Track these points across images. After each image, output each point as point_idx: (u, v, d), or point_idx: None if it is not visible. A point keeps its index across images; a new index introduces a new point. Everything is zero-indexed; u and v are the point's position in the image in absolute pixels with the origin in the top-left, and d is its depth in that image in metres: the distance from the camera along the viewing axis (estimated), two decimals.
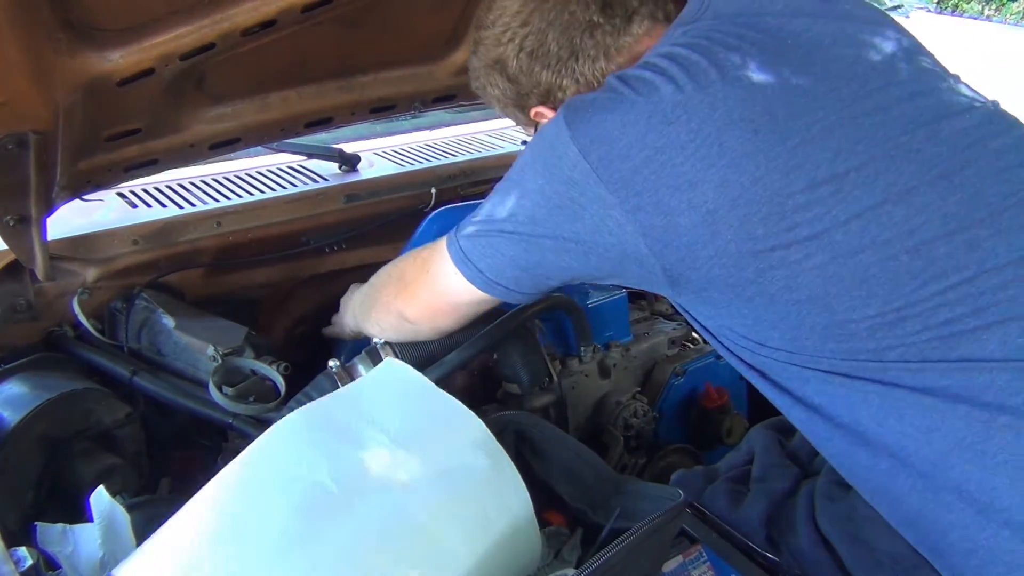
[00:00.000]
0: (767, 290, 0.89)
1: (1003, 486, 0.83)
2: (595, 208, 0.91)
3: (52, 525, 0.96)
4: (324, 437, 0.87)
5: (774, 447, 1.21)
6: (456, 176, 1.87)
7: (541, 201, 0.95)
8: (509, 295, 1.05)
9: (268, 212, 1.64)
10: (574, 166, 0.91)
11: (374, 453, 0.87)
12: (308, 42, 1.34)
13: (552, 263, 0.98)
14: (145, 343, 1.44)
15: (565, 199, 0.92)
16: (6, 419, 1.16)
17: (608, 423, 1.49)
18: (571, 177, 0.91)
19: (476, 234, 1.02)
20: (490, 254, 1.01)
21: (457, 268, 1.04)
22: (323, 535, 0.78)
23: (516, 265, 1.00)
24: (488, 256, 1.01)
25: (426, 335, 1.23)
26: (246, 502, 0.82)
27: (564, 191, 0.92)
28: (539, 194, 0.95)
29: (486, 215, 1.02)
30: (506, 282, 1.03)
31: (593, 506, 1.05)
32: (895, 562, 0.97)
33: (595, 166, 0.90)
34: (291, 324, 1.78)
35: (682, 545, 1.00)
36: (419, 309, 1.17)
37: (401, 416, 0.92)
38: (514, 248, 0.99)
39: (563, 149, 0.92)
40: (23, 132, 1.05)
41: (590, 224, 0.92)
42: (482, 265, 1.02)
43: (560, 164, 0.92)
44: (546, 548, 0.98)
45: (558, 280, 1.03)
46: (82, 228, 1.48)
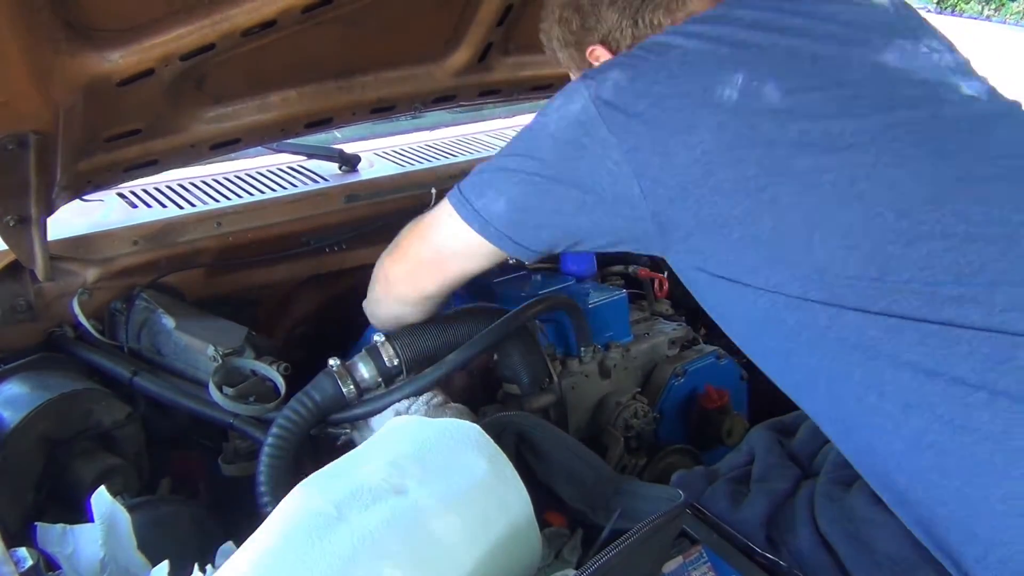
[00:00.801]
0: (754, 231, 0.91)
1: (983, 462, 0.82)
2: (596, 149, 0.96)
3: (52, 525, 0.96)
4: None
5: (774, 448, 1.21)
6: (456, 176, 1.85)
7: (546, 139, 1.01)
8: (502, 241, 1.05)
9: (268, 212, 1.64)
10: (584, 110, 0.97)
11: (372, 465, 0.87)
12: (308, 42, 1.34)
13: (548, 209, 1.01)
14: (145, 343, 1.45)
15: (569, 138, 0.98)
16: (6, 419, 1.17)
17: (608, 424, 1.49)
18: (579, 119, 0.97)
19: (477, 173, 1.08)
20: (488, 192, 1.05)
21: (454, 210, 1.07)
22: (322, 540, 0.78)
23: (513, 205, 1.03)
24: (486, 193, 1.05)
25: (411, 300, 1.23)
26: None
27: (570, 131, 0.98)
28: (545, 132, 1.01)
29: (496, 163, 1.07)
30: (501, 224, 1.04)
31: (593, 507, 1.05)
32: (894, 563, 0.96)
33: (602, 111, 0.96)
34: (291, 324, 1.78)
35: (682, 546, 1.00)
36: (405, 267, 1.19)
37: (399, 437, 0.92)
38: (513, 187, 1.03)
39: (576, 95, 0.98)
40: (23, 132, 1.05)
41: (588, 165, 0.97)
42: (479, 203, 1.05)
43: (571, 107, 0.99)
44: (546, 549, 0.98)
45: (550, 232, 1.04)
46: (82, 228, 1.48)
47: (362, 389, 1.23)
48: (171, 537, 1.11)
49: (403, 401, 1.22)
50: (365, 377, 1.23)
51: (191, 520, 1.16)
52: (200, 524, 1.16)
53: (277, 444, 1.15)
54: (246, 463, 1.28)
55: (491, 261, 1.12)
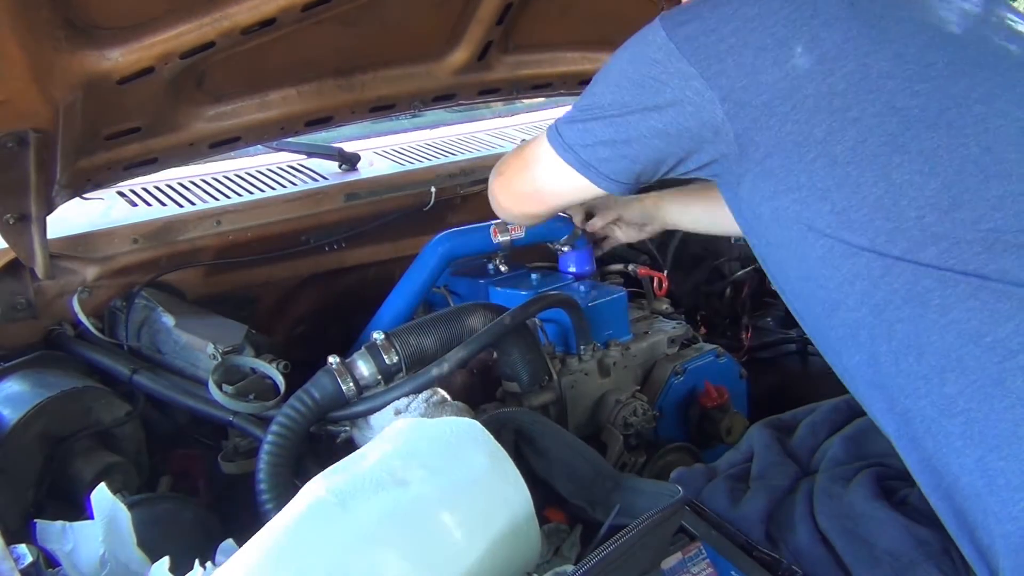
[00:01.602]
0: (832, 150, 0.91)
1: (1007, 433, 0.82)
2: (676, 82, 0.97)
3: (52, 522, 0.96)
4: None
5: (773, 445, 1.21)
6: (456, 175, 1.87)
7: (626, 84, 1.03)
8: (600, 179, 1.09)
9: (268, 211, 1.64)
10: (659, 47, 0.99)
11: (375, 460, 0.87)
12: (308, 41, 1.34)
13: (640, 142, 1.03)
14: (145, 342, 1.45)
15: (649, 77, 1.00)
16: (6, 417, 1.17)
17: (608, 422, 1.49)
18: (655, 57, 0.99)
19: (572, 119, 1.10)
20: (584, 136, 1.07)
21: (554, 150, 1.11)
22: (325, 534, 0.78)
23: (607, 145, 1.06)
24: (582, 137, 1.08)
25: (520, 218, 1.38)
26: None
27: (648, 70, 1.00)
28: (625, 77, 1.03)
29: (581, 105, 1.09)
30: (598, 163, 1.07)
31: (592, 503, 1.05)
32: (894, 559, 0.97)
33: (679, 43, 0.97)
34: (291, 323, 1.78)
35: (681, 542, 1.00)
36: (509, 196, 1.28)
37: (401, 435, 0.93)
38: (605, 129, 1.05)
39: (651, 36, 1.01)
40: (23, 130, 1.05)
41: (671, 97, 0.98)
42: (576, 145, 1.08)
43: (646, 49, 1.01)
44: (546, 545, 0.98)
45: (643, 164, 1.06)
46: (82, 227, 1.48)
47: (361, 387, 1.23)
48: (171, 534, 1.11)
49: (402, 399, 1.22)
50: (364, 375, 1.23)
51: (191, 518, 1.16)
52: (200, 522, 1.16)
53: (277, 442, 1.15)
54: (246, 461, 1.28)
55: (587, 195, 1.15)
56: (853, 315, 0.92)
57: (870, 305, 0.91)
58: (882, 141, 0.90)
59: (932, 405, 0.87)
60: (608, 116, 1.04)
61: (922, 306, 0.87)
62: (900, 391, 0.90)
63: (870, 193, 0.90)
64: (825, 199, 0.92)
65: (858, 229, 0.90)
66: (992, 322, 0.84)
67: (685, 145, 1.01)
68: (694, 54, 0.96)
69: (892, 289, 0.89)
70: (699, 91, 0.96)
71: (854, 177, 0.90)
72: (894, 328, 0.89)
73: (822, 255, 0.94)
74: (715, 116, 0.96)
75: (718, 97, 0.95)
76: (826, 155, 0.91)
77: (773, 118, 0.93)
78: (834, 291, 0.94)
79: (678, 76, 0.97)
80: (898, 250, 0.88)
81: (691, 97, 0.97)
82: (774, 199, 0.97)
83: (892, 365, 0.90)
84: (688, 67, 0.96)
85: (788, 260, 1.00)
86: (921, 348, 0.88)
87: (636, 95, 1.02)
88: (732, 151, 0.98)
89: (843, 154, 0.91)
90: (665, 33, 0.99)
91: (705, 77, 0.95)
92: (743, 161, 0.98)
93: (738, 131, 0.96)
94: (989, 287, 0.84)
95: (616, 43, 1.07)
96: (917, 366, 0.88)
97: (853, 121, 0.91)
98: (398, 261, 1.76)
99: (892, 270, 0.89)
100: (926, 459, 0.90)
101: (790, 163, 0.94)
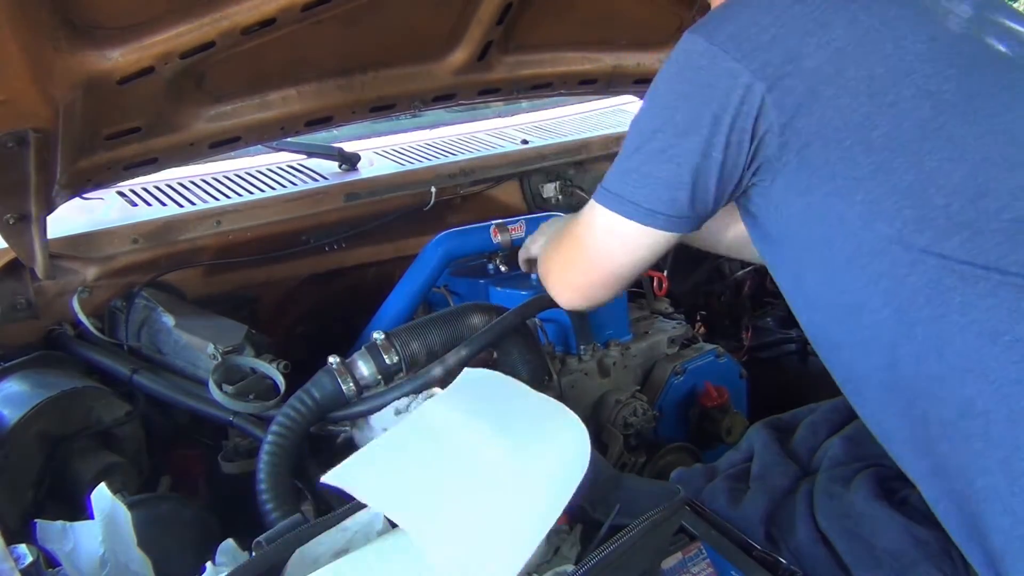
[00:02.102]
0: (868, 136, 0.91)
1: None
2: (725, 82, 0.95)
3: (52, 522, 0.96)
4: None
5: (773, 445, 1.21)
6: (456, 175, 1.87)
7: (675, 101, 1.00)
8: (670, 223, 1.03)
9: (268, 211, 1.64)
10: (702, 54, 0.97)
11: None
12: (308, 41, 1.34)
13: (702, 165, 0.98)
14: (145, 341, 1.45)
15: (698, 86, 0.97)
16: (6, 417, 1.17)
17: (608, 422, 1.49)
18: (699, 64, 0.97)
19: (624, 171, 1.04)
20: (644, 183, 1.02)
21: (615, 211, 1.04)
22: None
23: (671, 185, 1.00)
24: (643, 185, 1.02)
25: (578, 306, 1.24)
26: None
27: (694, 78, 0.98)
28: (672, 95, 1.00)
29: (627, 149, 1.04)
30: (664, 208, 1.02)
31: (592, 503, 1.04)
32: (895, 559, 0.97)
33: (723, 45, 0.95)
34: (291, 322, 1.78)
35: (681, 542, 1.00)
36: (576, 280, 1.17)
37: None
38: (664, 166, 1.00)
39: (690, 46, 0.99)
40: (23, 130, 1.05)
41: (723, 99, 0.95)
42: (639, 197, 1.02)
43: (688, 59, 0.99)
44: (546, 545, 0.98)
45: (708, 189, 1.00)
46: (82, 227, 1.48)
47: (362, 387, 1.23)
48: (171, 534, 1.11)
49: (403, 399, 1.22)
50: (365, 375, 1.23)
51: (191, 518, 1.16)
52: (200, 522, 1.16)
53: (277, 442, 1.15)
54: (246, 461, 1.28)
55: (663, 248, 1.08)
56: (875, 317, 0.92)
57: (893, 306, 0.91)
58: (915, 126, 0.90)
59: (951, 407, 0.87)
60: (663, 148, 0.99)
61: (944, 305, 0.87)
62: (918, 393, 0.90)
63: (901, 180, 0.90)
64: (859, 187, 0.92)
65: (887, 218, 0.90)
66: (1011, 320, 0.84)
67: (744, 150, 0.97)
68: (739, 50, 0.94)
69: (915, 288, 0.89)
70: (748, 86, 0.94)
71: (887, 163, 0.91)
72: (915, 330, 0.89)
73: (849, 256, 0.93)
74: (764, 106, 0.94)
75: (765, 87, 0.93)
76: (862, 141, 0.91)
77: (817, 103, 0.93)
78: (858, 293, 0.93)
79: (726, 76, 0.95)
80: (924, 240, 0.88)
81: (742, 95, 0.94)
82: (808, 193, 0.96)
83: (912, 367, 0.90)
84: (734, 64, 0.94)
85: (811, 265, 0.99)
86: (941, 349, 0.87)
87: (688, 110, 0.98)
88: (774, 144, 0.96)
89: (878, 140, 0.91)
90: (705, 40, 0.96)
91: (751, 70, 0.93)
92: (783, 154, 0.96)
93: (783, 121, 0.94)
94: (1009, 283, 0.84)
95: (616, 43, 1.07)
96: (937, 367, 0.88)
97: (890, 106, 0.91)
98: (398, 261, 1.76)
99: (917, 267, 0.89)
100: (940, 463, 0.89)
101: (828, 151, 0.93)
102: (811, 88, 0.93)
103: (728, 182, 1.00)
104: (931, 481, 0.92)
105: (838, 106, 0.92)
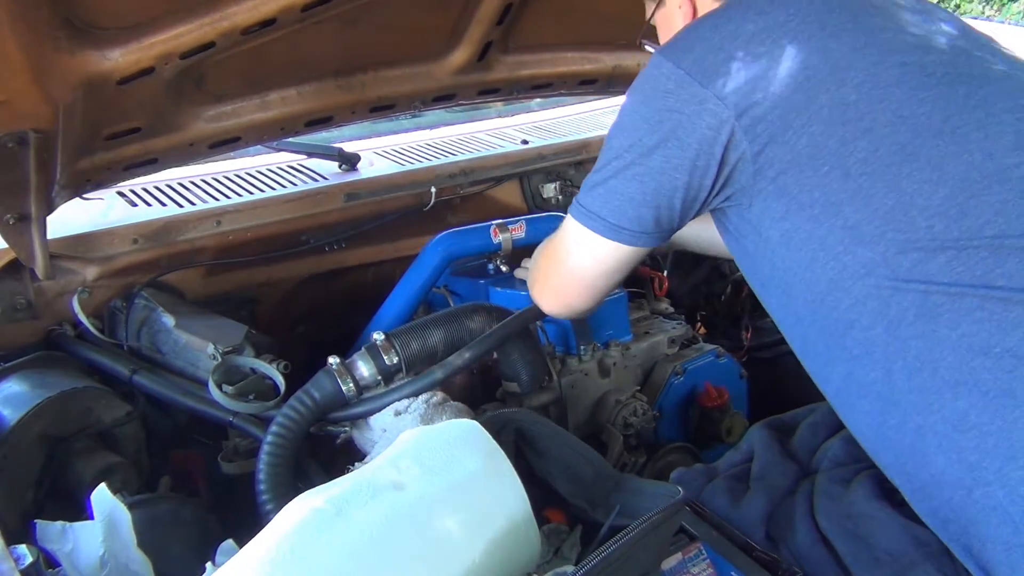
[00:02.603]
0: (845, 162, 0.92)
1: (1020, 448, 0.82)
2: (691, 108, 0.97)
3: (52, 523, 0.96)
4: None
5: (773, 445, 1.21)
6: (456, 175, 1.87)
7: (641, 123, 1.01)
8: (636, 238, 1.07)
9: (268, 211, 1.64)
10: (668, 77, 0.98)
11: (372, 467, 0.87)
12: (308, 41, 1.34)
13: (665, 185, 1.02)
14: (145, 342, 1.45)
15: (663, 110, 0.99)
16: (6, 417, 1.17)
17: (608, 422, 1.49)
18: (666, 88, 0.99)
19: (593, 185, 1.08)
20: (610, 199, 1.05)
21: (584, 225, 1.09)
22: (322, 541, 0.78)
23: (635, 202, 1.04)
24: (609, 201, 1.05)
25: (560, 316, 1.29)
26: None
27: (661, 103, 0.99)
28: (639, 117, 1.02)
29: (598, 165, 1.07)
30: (629, 224, 1.06)
31: (592, 503, 1.05)
32: (895, 559, 0.97)
33: (688, 69, 0.97)
34: (291, 323, 1.78)
35: (681, 542, 1.00)
36: (554, 293, 1.22)
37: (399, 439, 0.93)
38: (629, 184, 1.03)
39: (657, 69, 1.00)
40: (23, 130, 1.05)
41: (688, 124, 0.97)
42: (605, 212, 1.06)
43: (655, 83, 1.00)
44: (546, 545, 0.98)
45: (673, 207, 1.04)
46: (82, 227, 1.48)
47: (361, 387, 1.23)
48: (171, 535, 1.11)
49: (403, 400, 1.22)
50: (364, 375, 1.23)
51: (191, 518, 1.16)
52: (200, 522, 1.16)
53: (276, 442, 1.15)
54: (245, 461, 1.29)
55: (632, 261, 1.12)
56: (868, 333, 0.92)
57: (884, 323, 0.91)
58: (892, 150, 0.91)
59: (944, 420, 0.87)
60: (628, 165, 1.02)
61: (933, 321, 0.87)
62: (913, 407, 0.90)
63: (881, 205, 0.90)
64: (838, 214, 0.92)
65: (869, 243, 0.91)
66: (1000, 332, 0.84)
67: (711, 174, 0.99)
68: (704, 75, 0.96)
69: (903, 307, 0.89)
70: (715, 112, 0.95)
71: (866, 189, 0.91)
72: (908, 344, 0.89)
73: (832, 277, 0.93)
74: (734, 135, 0.95)
75: (734, 115, 0.95)
76: (839, 167, 0.92)
77: (789, 131, 0.93)
78: (847, 311, 0.94)
79: (693, 101, 0.96)
80: (908, 262, 0.89)
81: (709, 121, 0.96)
82: (785, 219, 0.97)
83: (906, 381, 0.90)
84: (701, 89, 0.96)
85: (796, 285, 0.99)
86: (935, 363, 0.87)
87: (654, 131, 1.00)
88: (748, 171, 0.97)
89: (856, 166, 0.91)
90: (672, 64, 0.98)
91: (720, 97, 0.95)
92: (757, 181, 0.97)
93: (755, 150, 0.95)
94: (995, 296, 0.85)
95: (616, 43, 1.07)
96: (931, 381, 0.88)
97: (865, 132, 0.91)
98: (398, 261, 1.76)
99: (900, 289, 0.89)
100: (935, 476, 0.89)
101: (804, 178, 0.94)
102: (782, 116, 0.93)
103: (694, 202, 1.03)
104: (926, 493, 0.92)
105: (811, 133, 0.92)
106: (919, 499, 0.93)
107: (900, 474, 0.95)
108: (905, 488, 0.95)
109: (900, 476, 0.95)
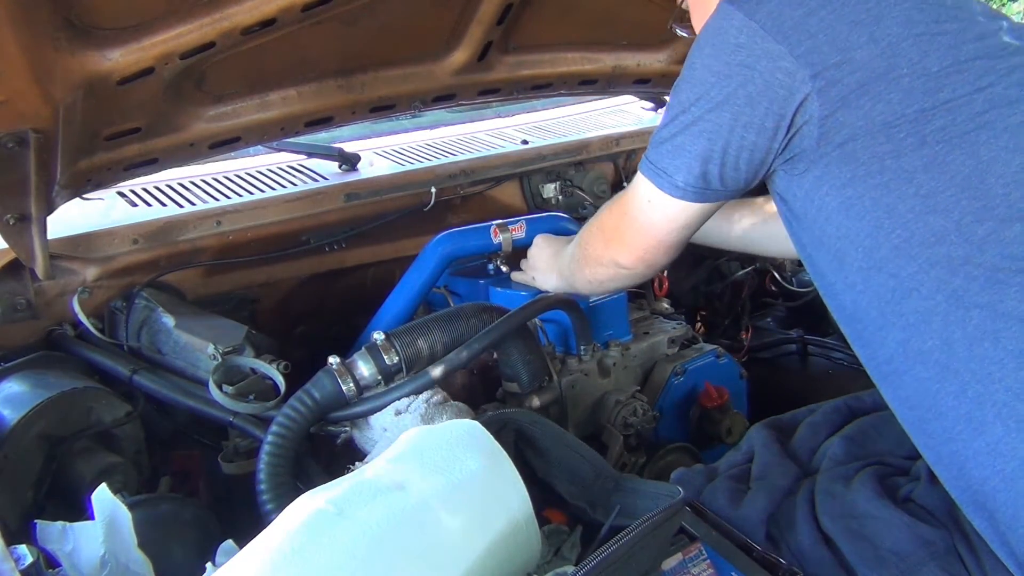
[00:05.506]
0: (923, 130, 0.91)
1: None
2: (764, 64, 0.93)
3: (52, 523, 0.96)
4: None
5: (774, 445, 1.21)
6: (456, 175, 1.87)
7: (709, 76, 0.98)
8: (704, 195, 1.05)
9: (268, 211, 1.64)
10: (740, 30, 0.95)
11: (373, 468, 0.87)
12: (308, 41, 1.34)
13: (734, 141, 0.99)
14: (145, 342, 1.45)
15: (734, 66, 0.95)
16: (6, 418, 1.17)
17: (608, 422, 1.49)
18: (737, 42, 0.95)
19: (660, 141, 1.05)
20: (678, 155, 1.02)
21: (652, 183, 1.06)
22: (324, 541, 0.78)
23: (703, 159, 1.01)
24: (677, 158, 1.03)
25: (643, 276, 1.26)
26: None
27: (731, 58, 0.95)
28: (707, 71, 0.98)
29: (665, 119, 1.04)
30: (695, 181, 1.03)
31: (593, 504, 1.05)
32: (900, 559, 0.96)
33: (763, 22, 0.93)
34: (291, 323, 1.78)
35: (682, 543, 1.00)
36: (630, 252, 1.18)
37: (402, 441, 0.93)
38: (697, 140, 1.00)
39: (727, 21, 0.96)
40: (23, 131, 1.05)
41: (761, 82, 0.94)
42: (672, 169, 1.04)
43: (726, 35, 0.96)
44: (546, 545, 0.98)
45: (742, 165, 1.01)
46: (82, 227, 1.48)
47: (362, 387, 1.23)
48: (171, 535, 1.11)
49: (403, 399, 1.22)
50: (365, 375, 1.23)
51: (191, 518, 1.16)
52: (200, 522, 1.16)
53: (277, 442, 1.15)
54: (246, 461, 1.28)
55: (702, 219, 1.10)
56: (927, 303, 0.92)
57: (947, 292, 0.90)
58: (968, 118, 0.91)
59: (1007, 390, 0.87)
60: (696, 120, 0.99)
61: (1001, 292, 0.87)
62: (973, 376, 0.89)
63: (958, 172, 0.90)
64: (911, 181, 0.92)
65: (942, 210, 0.90)
66: None
67: (780, 137, 0.97)
68: (780, 31, 0.92)
69: (971, 276, 0.89)
70: (789, 72, 0.93)
71: (942, 156, 0.91)
72: (970, 314, 0.89)
73: (897, 244, 0.93)
74: (808, 97, 0.93)
75: (809, 75, 0.92)
76: (916, 135, 0.92)
77: (865, 97, 0.92)
78: (907, 280, 0.93)
79: (766, 58, 0.93)
80: (983, 230, 0.89)
81: (782, 80, 0.93)
82: (849, 186, 0.95)
83: (966, 350, 0.90)
84: (776, 45, 0.92)
85: (850, 252, 0.98)
86: (998, 333, 0.87)
87: (722, 85, 0.96)
88: (812, 135, 0.95)
89: (933, 134, 0.91)
90: (744, 15, 0.94)
91: (795, 55, 0.92)
92: (821, 145, 0.95)
93: (824, 113, 0.93)
94: None
95: (616, 43, 1.06)
96: (993, 351, 0.88)
97: (944, 102, 0.91)
98: (398, 261, 1.76)
99: (974, 257, 0.89)
100: (991, 445, 0.88)
101: (876, 145, 0.93)
102: (860, 82, 0.92)
103: (761, 164, 1.01)
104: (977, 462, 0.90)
105: (889, 100, 0.92)
106: (957, 474, 0.92)
107: (946, 443, 0.93)
108: (943, 461, 0.94)
109: (945, 446, 0.93)
